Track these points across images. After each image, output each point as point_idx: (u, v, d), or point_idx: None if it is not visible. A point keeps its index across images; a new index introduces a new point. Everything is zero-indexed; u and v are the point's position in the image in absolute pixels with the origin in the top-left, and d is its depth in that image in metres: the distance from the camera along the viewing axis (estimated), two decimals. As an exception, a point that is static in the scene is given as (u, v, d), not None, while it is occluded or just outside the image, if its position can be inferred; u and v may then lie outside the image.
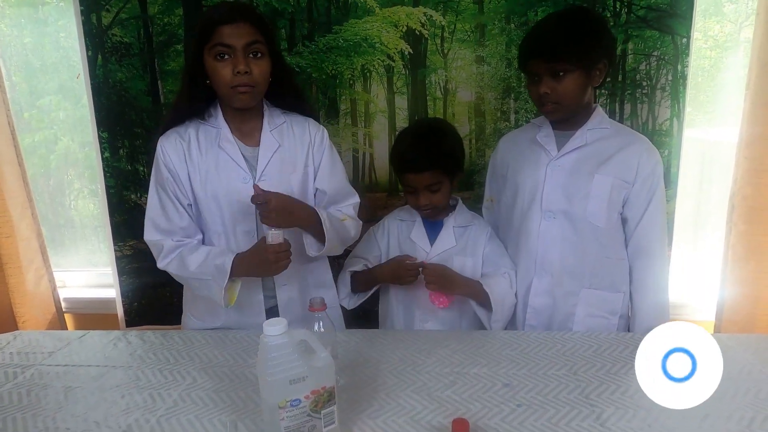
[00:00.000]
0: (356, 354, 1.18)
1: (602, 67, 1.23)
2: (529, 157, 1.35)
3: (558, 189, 1.30)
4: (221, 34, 1.11)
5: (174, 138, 1.22)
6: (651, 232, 1.30)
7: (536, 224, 1.33)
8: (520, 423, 0.93)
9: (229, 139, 1.22)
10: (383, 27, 1.75)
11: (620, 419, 0.93)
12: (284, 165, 1.25)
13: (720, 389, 1.00)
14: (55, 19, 1.98)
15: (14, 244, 1.98)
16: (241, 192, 1.21)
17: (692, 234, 1.99)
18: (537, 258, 1.34)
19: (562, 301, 1.34)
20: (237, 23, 1.11)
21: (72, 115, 2.09)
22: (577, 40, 1.18)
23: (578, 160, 1.29)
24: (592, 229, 1.30)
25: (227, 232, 1.24)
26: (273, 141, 1.25)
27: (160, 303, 2.02)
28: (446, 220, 1.39)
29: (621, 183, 1.27)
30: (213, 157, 1.22)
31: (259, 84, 1.17)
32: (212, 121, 1.24)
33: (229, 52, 1.12)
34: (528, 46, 1.24)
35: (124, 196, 1.94)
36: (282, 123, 1.28)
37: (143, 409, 1.00)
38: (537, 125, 1.37)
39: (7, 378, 1.13)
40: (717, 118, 1.88)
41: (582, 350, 1.18)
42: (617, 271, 1.34)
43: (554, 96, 1.22)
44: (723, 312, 1.81)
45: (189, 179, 1.22)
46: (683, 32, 1.66)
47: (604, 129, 1.30)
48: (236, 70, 1.12)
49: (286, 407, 0.82)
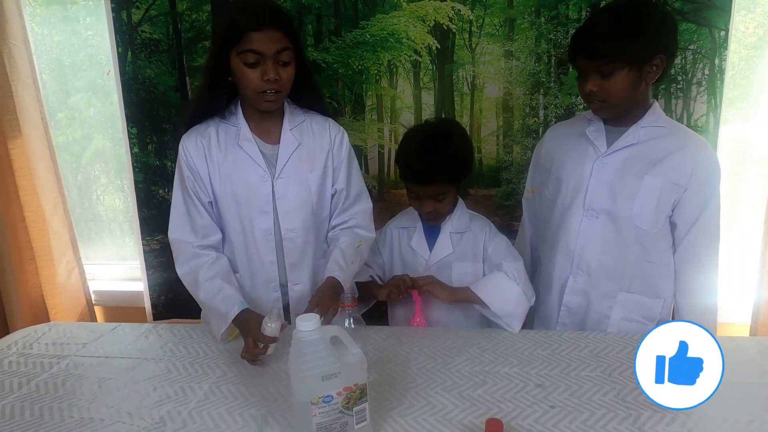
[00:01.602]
0: (385, 351, 1.17)
1: (659, 63, 1.16)
2: (576, 151, 1.30)
3: (603, 187, 1.25)
4: (251, 40, 1.09)
5: (194, 137, 1.23)
6: (702, 239, 1.25)
7: (577, 222, 1.28)
8: (554, 425, 0.91)
9: (248, 138, 1.22)
10: (410, 22, 1.73)
11: (658, 423, 0.90)
12: (303, 164, 1.25)
13: (762, 394, 0.98)
14: (85, 17, 2.02)
15: (46, 238, 2.03)
16: (260, 190, 1.22)
17: (728, 233, 1.92)
18: (574, 257, 1.30)
19: (597, 302, 1.31)
20: (267, 30, 1.10)
21: (102, 111, 2.13)
22: (624, 37, 1.12)
23: (628, 159, 1.24)
24: (636, 231, 1.25)
25: (245, 231, 1.25)
26: (293, 139, 1.24)
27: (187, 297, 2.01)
28: (443, 226, 1.36)
29: (672, 186, 1.22)
30: (232, 155, 1.22)
31: (286, 88, 1.17)
32: (232, 120, 1.24)
33: (259, 59, 1.11)
34: (575, 43, 1.19)
35: (152, 190, 1.97)
36: (302, 122, 1.27)
37: (175, 402, 1.01)
38: (588, 118, 1.31)
39: (43, 368, 1.15)
40: (754, 114, 1.81)
41: (616, 351, 1.15)
42: (659, 277, 1.29)
43: (601, 94, 1.17)
44: (759, 314, 1.75)
45: (209, 177, 1.24)
46: (721, 25, 1.61)
47: (660, 128, 1.24)
48: (266, 77, 1.11)
49: (319, 403, 0.82)
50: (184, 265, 1.23)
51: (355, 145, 1.85)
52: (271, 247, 1.25)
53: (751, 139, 1.83)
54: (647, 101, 1.24)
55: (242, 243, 1.26)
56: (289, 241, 1.25)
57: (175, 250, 1.26)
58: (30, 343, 1.27)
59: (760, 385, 1.01)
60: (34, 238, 2.03)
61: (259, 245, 1.24)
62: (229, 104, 1.24)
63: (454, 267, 1.35)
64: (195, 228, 1.24)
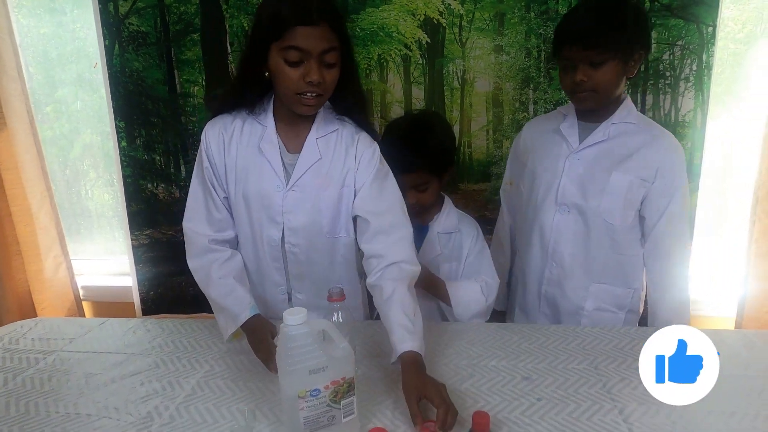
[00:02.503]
0: (374, 345, 1.17)
1: (638, 57, 1.19)
2: (551, 147, 1.33)
3: (574, 183, 1.28)
4: (296, 35, 0.98)
5: (218, 128, 1.15)
6: (670, 232, 1.27)
7: (550, 216, 1.32)
8: (541, 417, 0.92)
9: (272, 141, 1.13)
10: (400, 16, 1.72)
11: (643, 415, 0.91)
12: (318, 179, 1.14)
13: (746, 387, 0.99)
14: (72, 8, 1.99)
15: (33, 233, 2.01)
16: (272, 198, 1.14)
17: (714, 228, 1.95)
18: (548, 250, 1.33)
19: (572, 293, 1.34)
20: (316, 25, 0.98)
21: (90, 105, 2.10)
22: (618, 27, 1.14)
23: (597, 155, 1.26)
24: (606, 226, 1.28)
25: (255, 238, 1.19)
26: (315, 151, 1.14)
27: (176, 292, 2.03)
28: (431, 226, 1.36)
29: (640, 182, 1.24)
30: (251, 156, 1.14)
31: (328, 92, 1.07)
32: (261, 117, 1.15)
33: (303, 57, 1.00)
34: (564, 33, 1.19)
35: (141, 185, 1.95)
36: (332, 131, 1.15)
37: (162, 396, 1.00)
38: (563, 114, 1.33)
39: (29, 363, 1.14)
40: (742, 109, 1.83)
41: (602, 345, 1.16)
42: (629, 268, 1.33)
43: (591, 84, 1.17)
44: (744, 308, 1.77)
45: (225, 173, 1.16)
46: (709, 20, 1.62)
47: (629, 124, 1.26)
48: (307, 79, 1.01)
49: (306, 397, 0.82)
50: (197, 258, 1.17)
51: (345, 140, 1.85)
52: (277, 256, 1.19)
53: (738, 134, 1.84)
54: (620, 97, 1.27)
55: (251, 245, 1.20)
56: (292, 255, 1.19)
57: (188, 240, 1.19)
58: (16, 339, 1.25)
59: (744, 378, 1.02)
60: (21, 232, 2.00)
61: (266, 251, 1.19)
62: (261, 99, 1.14)
63: (443, 266, 1.36)
64: (211, 221, 1.18)
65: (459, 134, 1.80)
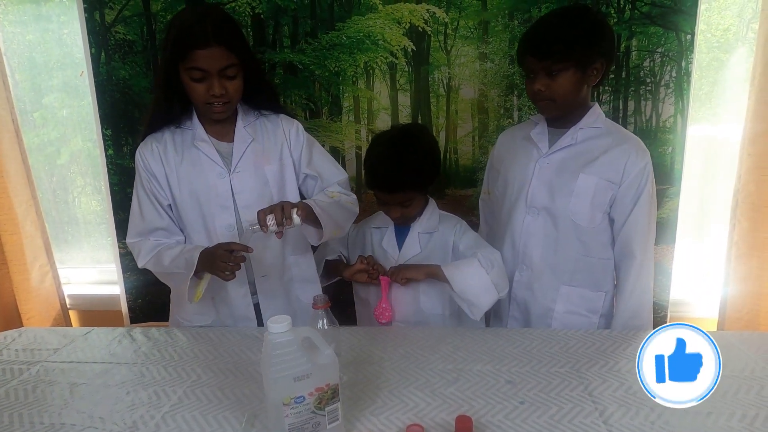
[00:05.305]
0: (359, 351, 1.18)
1: (599, 67, 1.23)
2: (522, 153, 1.37)
3: (543, 186, 1.31)
4: (196, 58, 1.13)
5: (150, 143, 1.27)
6: (635, 233, 1.30)
7: (521, 219, 1.34)
8: (523, 420, 0.93)
9: (203, 138, 1.26)
10: (386, 24, 1.74)
11: (623, 416, 0.93)
12: (258, 158, 1.28)
13: (723, 387, 1.01)
14: (58, 15, 1.99)
15: (19, 242, 1.99)
16: (218, 187, 1.26)
17: (696, 231, 1.99)
18: (519, 252, 1.36)
19: (541, 295, 1.36)
20: (211, 48, 1.12)
21: (77, 112, 2.10)
22: (571, 39, 1.17)
23: (566, 159, 1.30)
24: (575, 227, 1.31)
25: (208, 228, 1.28)
26: (246, 135, 1.28)
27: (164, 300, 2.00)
28: (413, 226, 1.38)
29: (607, 184, 1.27)
30: (189, 156, 1.26)
31: (234, 98, 1.21)
32: (187, 125, 1.28)
33: (205, 75, 1.15)
34: (525, 44, 1.24)
35: (128, 192, 1.93)
36: (255, 120, 1.32)
37: (148, 406, 1.01)
38: (534, 122, 1.38)
39: (13, 374, 1.14)
40: (721, 114, 1.87)
41: (584, 348, 1.18)
42: (600, 270, 1.35)
43: (548, 93, 1.22)
44: (726, 309, 1.81)
45: (167, 180, 1.27)
46: (687, 29, 1.65)
47: (596, 128, 1.30)
48: (211, 92, 1.16)
49: (291, 404, 0.83)
50: (146, 256, 1.26)
51: (332, 147, 1.86)
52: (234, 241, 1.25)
53: (718, 138, 1.88)
54: (587, 103, 1.30)
55: (206, 241, 1.27)
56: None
57: (134, 250, 1.29)
58: (0, 350, 1.25)
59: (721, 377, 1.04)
60: (6, 241, 1.99)
61: (222, 241, 1.22)
62: (184, 112, 1.28)
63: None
64: (153, 231, 1.28)
65: (445, 140, 1.82)
